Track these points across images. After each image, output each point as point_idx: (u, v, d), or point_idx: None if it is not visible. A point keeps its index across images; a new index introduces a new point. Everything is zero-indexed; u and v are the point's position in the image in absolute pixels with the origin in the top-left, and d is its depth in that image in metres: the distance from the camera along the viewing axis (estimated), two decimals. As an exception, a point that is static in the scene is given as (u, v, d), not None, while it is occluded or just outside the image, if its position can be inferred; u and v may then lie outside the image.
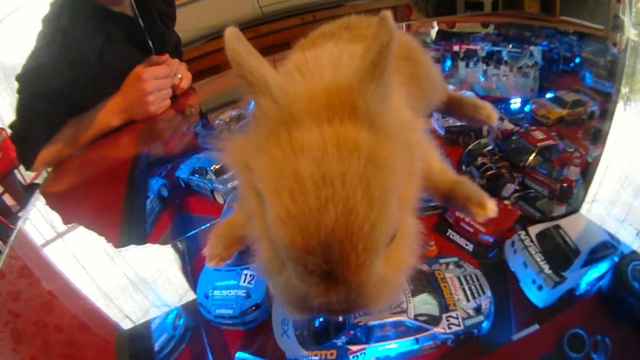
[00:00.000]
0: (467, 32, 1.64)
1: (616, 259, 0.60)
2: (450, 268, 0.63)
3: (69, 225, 0.99)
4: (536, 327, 0.56)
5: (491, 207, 0.49)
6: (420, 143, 0.44)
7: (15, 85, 1.25)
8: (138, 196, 0.97)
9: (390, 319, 0.57)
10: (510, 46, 1.36)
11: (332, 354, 0.57)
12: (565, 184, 0.75)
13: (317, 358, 0.57)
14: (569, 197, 0.74)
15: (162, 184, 1.00)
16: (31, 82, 1.24)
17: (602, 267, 0.60)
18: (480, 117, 0.80)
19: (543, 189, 0.75)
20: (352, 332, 0.58)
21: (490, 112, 0.79)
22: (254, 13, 2.93)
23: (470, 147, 0.86)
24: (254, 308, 0.65)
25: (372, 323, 0.57)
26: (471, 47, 1.40)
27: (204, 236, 0.81)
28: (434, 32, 1.56)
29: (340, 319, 0.59)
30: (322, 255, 0.32)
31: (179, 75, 1.42)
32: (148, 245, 0.86)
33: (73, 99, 1.25)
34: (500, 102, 1.05)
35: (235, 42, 0.36)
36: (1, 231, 2.45)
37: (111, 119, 1.28)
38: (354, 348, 0.57)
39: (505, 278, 0.63)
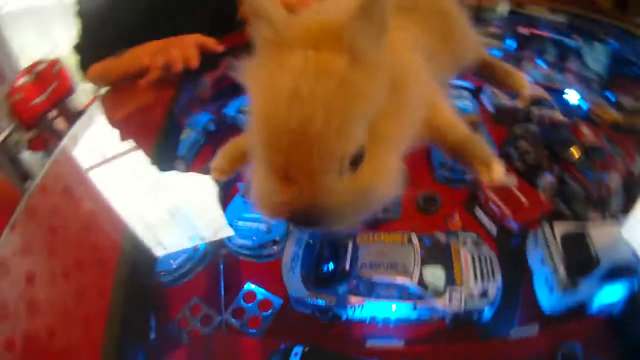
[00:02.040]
0: (535, 15, 1.55)
1: (636, 283, 0.57)
2: (467, 245, 0.62)
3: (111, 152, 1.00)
4: (535, 329, 0.55)
5: (497, 170, 0.48)
6: (424, 92, 0.47)
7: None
8: (175, 123, 0.98)
9: (393, 279, 0.57)
10: (577, 38, 1.28)
11: (331, 301, 0.58)
12: (604, 190, 0.71)
13: (314, 301, 0.58)
14: (605, 204, 0.70)
15: (210, 119, 1.01)
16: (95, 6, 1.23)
17: (618, 289, 0.57)
18: (511, 84, 0.76)
19: (580, 190, 0.71)
20: (354, 282, 0.58)
21: (522, 81, 0.76)
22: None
23: (515, 129, 0.82)
24: (271, 243, 0.66)
25: (375, 278, 0.57)
26: (536, 31, 1.32)
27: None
28: (503, 9, 1.47)
29: (346, 266, 0.60)
30: (285, 156, 0.37)
31: None
32: (188, 173, 0.87)
33: (129, 29, 1.22)
34: (557, 92, 0.99)
35: None
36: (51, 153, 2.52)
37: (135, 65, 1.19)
38: (353, 299, 0.57)
39: (521, 270, 0.61)
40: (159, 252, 0.71)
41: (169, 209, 0.80)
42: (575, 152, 0.76)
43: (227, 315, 0.62)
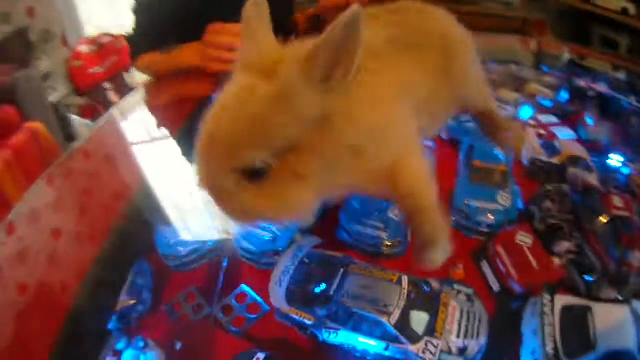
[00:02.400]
0: (595, 69, 1.49)
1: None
2: (460, 297, 0.59)
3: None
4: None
5: (437, 255, 0.47)
6: (387, 145, 0.47)
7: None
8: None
9: (371, 314, 0.56)
10: (634, 99, 1.20)
11: (310, 319, 0.58)
12: (625, 267, 0.66)
13: (295, 316, 0.59)
14: (623, 282, 0.66)
15: None
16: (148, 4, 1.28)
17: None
18: (503, 136, 0.73)
19: (598, 263, 0.67)
20: (334, 308, 0.57)
21: (517, 137, 0.77)
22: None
23: (546, 187, 0.78)
24: (273, 253, 0.67)
25: (355, 309, 0.56)
26: (593, 86, 1.26)
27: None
28: (565, 57, 1.42)
29: (331, 291, 0.60)
30: (201, 152, 0.43)
31: None
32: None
33: (178, 29, 1.28)
34: (599, 154, 0.95)
35: (251, 10, 0.48)
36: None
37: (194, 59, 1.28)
38: (330, 324, 0.57)
39: (512, 336, 0.58)
40: (185, 235, 0.74)
41: (203, 198, 0.83)
42: (600, 223, 0.71)
43: (217, 309, 0.64)
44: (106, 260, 0.71)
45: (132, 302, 0.64)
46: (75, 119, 2.62)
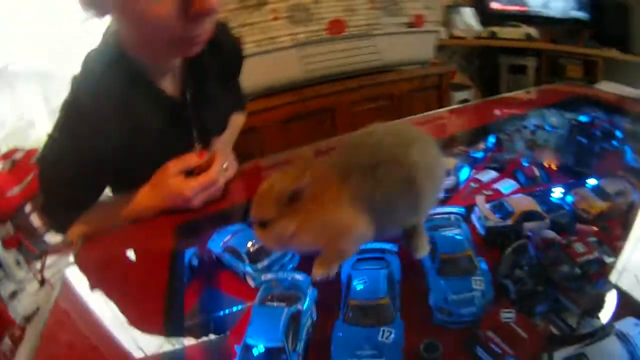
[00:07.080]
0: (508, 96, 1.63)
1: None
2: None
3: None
4: None
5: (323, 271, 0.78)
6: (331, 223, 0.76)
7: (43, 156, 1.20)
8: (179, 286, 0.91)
9: None
10: (554, 119, 1.34)
11: None
12: (599, 297, 0.75)
13: None
14: (599, 308, 0.74)
15: (193, 253, 0.98)
16: (49, 169, 1.19)
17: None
18: (419, 242, 0.88)
19: (572, 305, 0.75)
20: None
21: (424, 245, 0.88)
22: (300, 75, 3.02)
23: (508, 250, 0.86)
24: None
25: None
26: (513, 110, 1.37)
27: (234, 318, 0.82)
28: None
29: None
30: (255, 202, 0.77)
31: (225, 168, 1.26)
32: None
33: (97, 185, 1.23)
34: (542, 194, 1.05)
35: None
36: (25, 252, 2.34)
37: (146, 213, 1.17)
38: None
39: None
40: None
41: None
42: (566, 271, 0.80)
43: None
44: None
45: None
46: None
